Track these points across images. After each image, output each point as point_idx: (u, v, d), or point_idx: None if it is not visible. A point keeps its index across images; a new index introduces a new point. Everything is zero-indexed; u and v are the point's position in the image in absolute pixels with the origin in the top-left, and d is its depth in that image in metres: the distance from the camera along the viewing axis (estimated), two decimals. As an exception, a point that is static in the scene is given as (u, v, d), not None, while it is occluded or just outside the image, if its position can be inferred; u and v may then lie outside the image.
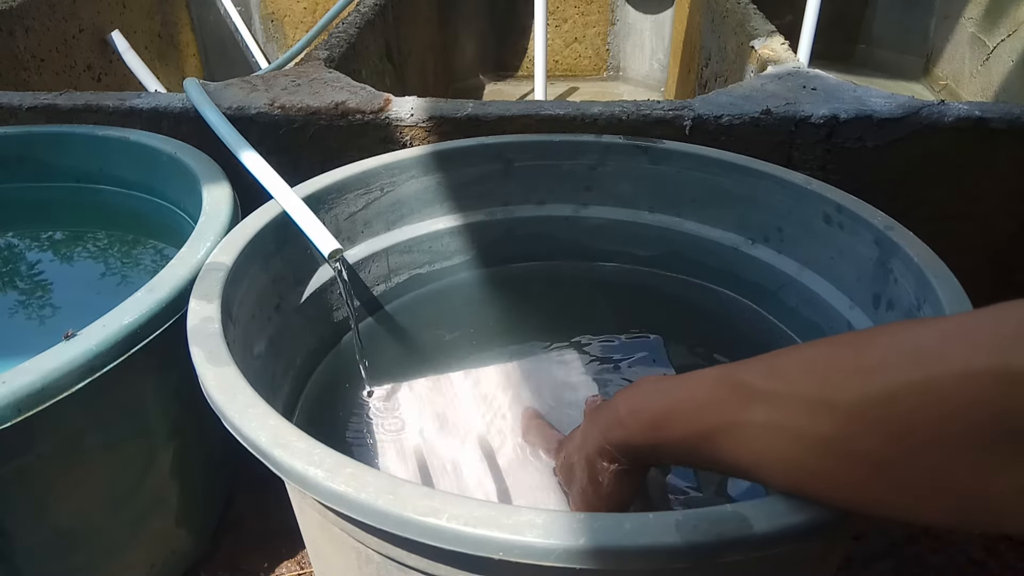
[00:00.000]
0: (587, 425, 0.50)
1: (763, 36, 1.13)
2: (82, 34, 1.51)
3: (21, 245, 0.90)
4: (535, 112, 0.85)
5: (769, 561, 0.40)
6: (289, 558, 0.80)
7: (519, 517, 0.37)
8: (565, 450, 0.54)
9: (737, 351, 0.65)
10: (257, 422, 0.44)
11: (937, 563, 0.80)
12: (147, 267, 0.83)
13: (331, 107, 0.87)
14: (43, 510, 0.59)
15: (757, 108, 0.85)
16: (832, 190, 0.68)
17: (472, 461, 0.62)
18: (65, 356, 0.53)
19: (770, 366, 0.38)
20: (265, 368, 0.64)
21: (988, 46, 1.80)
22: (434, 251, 0.81)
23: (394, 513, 0.38)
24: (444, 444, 0.64)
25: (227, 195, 0.73)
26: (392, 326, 0.79)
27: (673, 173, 0.78)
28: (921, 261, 0.58)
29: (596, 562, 0.36)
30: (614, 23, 2.19)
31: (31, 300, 0.81)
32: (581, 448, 0.49)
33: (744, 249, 0.76)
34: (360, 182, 0.75)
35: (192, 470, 0.72)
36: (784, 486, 0.37)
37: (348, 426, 0.67)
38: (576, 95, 2.16)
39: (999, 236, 0.91)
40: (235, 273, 0.60)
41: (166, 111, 0.88)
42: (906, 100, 0.85)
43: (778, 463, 0.37)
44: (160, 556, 0.71)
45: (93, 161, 0.86)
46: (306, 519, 0.54)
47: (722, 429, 0.39)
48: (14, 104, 0.90)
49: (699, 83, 1.63)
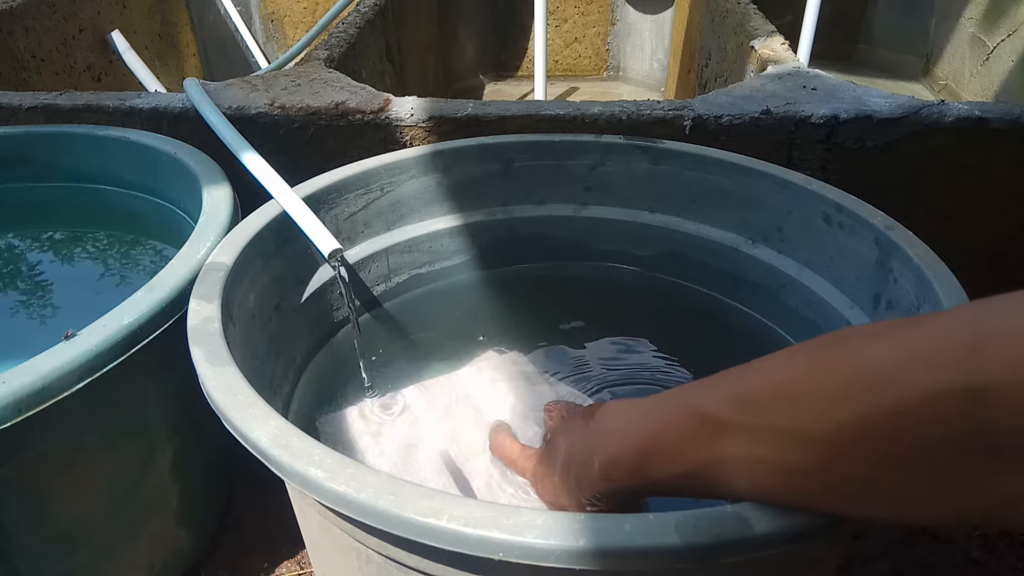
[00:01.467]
0: (561, 477, 0.48)
1: (763, 36, 1.13)
2: (82, 34, 1.51)
3: (21, 245, 0.90)
4: (535, 112, 0.85)
5: (769, 562, 0.40)
6: (289, 558, 0.80)
7: (519, 518, 0.37)
8: (540, 486, 0.53)
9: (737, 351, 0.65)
10: (257, 422, 0.44)
11: (937, 563, 0.80)
12: (147, 267, 0.83)
13: (331, 107, 0.87)
14: (43, 510, 0.59)
15: (757, 108, 0.85)
16: (832, 190, 0.68)
17: (472, 461, 0.62)
18: (65, 356, 0.53)
19: (734, 395, 0.37)
20: (265, 368, 0.64)
21: (988, 46, 1.80)
22: (434, 251, 0.81)
23: (394, 513, 0.38)
24: (444, 444, 0.64)
25: (227, 195, 0.73)
26: (392, 326, 0.79)
27: (673, 173, 0.78)
28: (921, 261, 0.58)
29: (596, 563, 0.36)
30: (614, 23, 2.19)
31: (31, 300, 0.81)
32: (567, 495, 0.47)
33: (744, 249, 0.76)
34: (360, 182, 0.75)
35: (192, 470, 0.72)
36: (785, 504, 0.37)
37: (348, 426, 0.67)
38: (576, 95, 2.16)
39: (999, 236, 0.91)
40: (235, 273, 0.60)
41: (166, 111, 0.88)
42: (906, 100, 0.85)
43: (769, 490, 0.36)
44: (160, 556, 0.71)
45: (93, 161, 0.86)
46: (306, 519, 0.54)
47: (704, 466, 0.38)
48: (14, 104, 0.90)
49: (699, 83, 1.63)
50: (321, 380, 0.72)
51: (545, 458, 0.52)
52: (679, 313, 0.80)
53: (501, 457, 0.60)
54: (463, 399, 0.69)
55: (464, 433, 0.65)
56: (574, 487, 0.46)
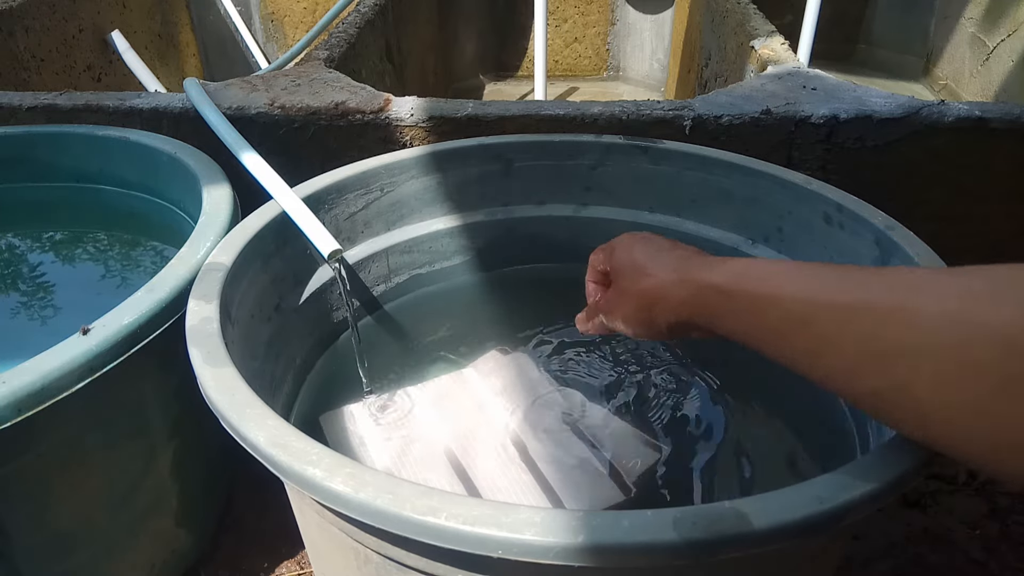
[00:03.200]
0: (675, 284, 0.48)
1: (763, 36, 1.13)
2: (82, 34, 1.51)
3: (22, 245, 0.90)
4: (535, 112, 0.85)
5: (769, 559, 0.41)
6: (289, 558, 0.80)
7: (518, 515, 0.37)
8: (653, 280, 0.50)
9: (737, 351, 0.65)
10: (255, 422, 0.44)
11: (937, 563, 0.80)
12: (147, 267, 0.84)
13: (331, 107, 0.87)
14: (43, 510, 0.59)
15: (757, 108, 0.85)
16: (832, 190, 0.68)
17: (475, 460, 0.62)
18: (65, 356, 0.53)
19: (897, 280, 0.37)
20: (264, 368, 0.64)
21: (988, 46, 1.80)
22: (434, 251, 0.81)
23: (393, 512, 0.38)
24: (448, 443, 0.64)
25: (227, 195, 0.73)
26: (392, 326, 0.80)
27: (673, 173, 0.78)
28: (921, 261, 0.58)
29: (595, 559, 0.36)
30: (614, 23, 2.19)
31: (31, 300, 0.81)
32: (667, 303, 0.48)
33: (744, 249, 0.76)
34: (360, 182, 0.75)
35: (192, 470, 0.72)
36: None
37: (349, 426, 0.67)
38: (576, 95, 2.16)
39: (999, 236, 0.91)
40: (234, 273, 0.60)
41: (166, 111, 0.89)
42: (906, 100, 0.85)
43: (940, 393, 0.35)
44: (160, 556, 0.72)
45: (93, 161, 0.86)
46: (305, 519, 0.54)
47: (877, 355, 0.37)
48: (14, 104, 0.90)
49: (699, 83, 1.63)
50: (321, 381, 0.73)
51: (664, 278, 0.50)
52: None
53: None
54: (466, 399, 0.69)
55: (468, 433, 0.65)
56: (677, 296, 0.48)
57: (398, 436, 0.65)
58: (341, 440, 0.66)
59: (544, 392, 0.70)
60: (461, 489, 0.60)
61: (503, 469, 0.61)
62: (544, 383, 0.71)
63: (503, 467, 0.61)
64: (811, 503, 0.37)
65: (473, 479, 0.61)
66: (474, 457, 0.62)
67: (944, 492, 0.87)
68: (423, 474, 0.61)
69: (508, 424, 0.66)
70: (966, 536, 0.82)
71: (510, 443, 0.64)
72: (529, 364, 0.73)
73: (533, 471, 0.61)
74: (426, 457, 0.63)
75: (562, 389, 0.70)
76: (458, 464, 0.62)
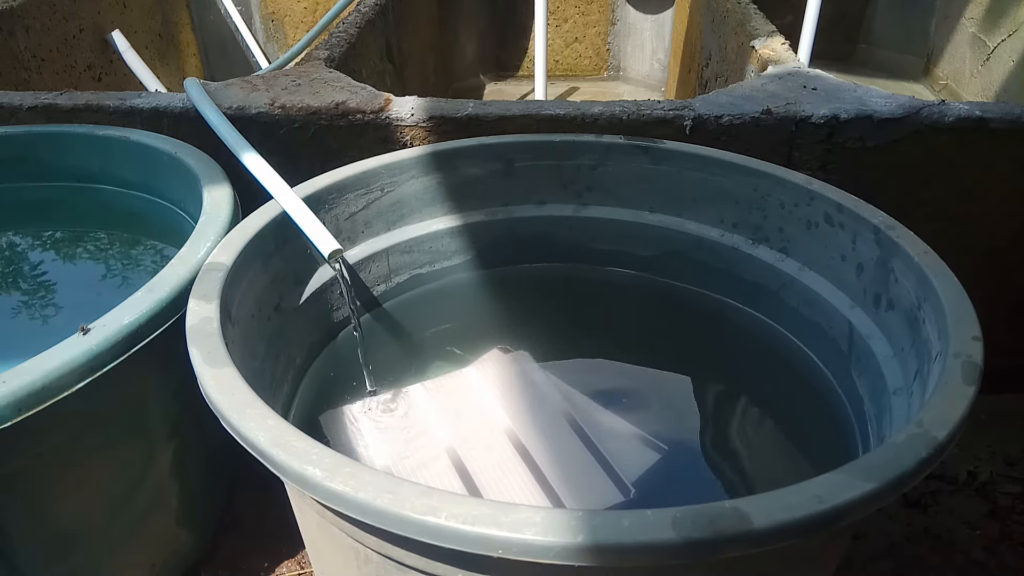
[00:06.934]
0: None
1: (763, 36, 1.13)
2: (82, 34, 1.51)
3: (22, 245, 0.90)
4: (535, 112, 0.85)
5: (769, 558, 0.41)
6: (289, 558, 0.80)
7: (518, 515, 0.37)
8: None
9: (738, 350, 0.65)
10: (255, 422, 0.44)
11: (937, 563, 0.80)
12: (147, 267, 0.84)
13: (331, 107, 0.87)
14: (43, 510, 0.59)
15: (758, 108, 0.85)
16: (832, 190, 0.68)
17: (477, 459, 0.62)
18: (65, 356, 0.53)
19: None
20: (264, 368, 0.64)
21: (988, 46, 1.80)
22: (434, 251, 0.81)
23: (393, 512, 0.38)
24: (450, 442, 0.64)
25: (227, 195, 0.73)
26: (393, 326, 0.80)
27: (674, 173, 0.78)
28: (922, 260, 0.58)
29: (595, 559, 0.36)
30: (614, 23, 2.19)
31: (32, 300, 0.81)
32: None
33: (744, 249, 0.76)
34: (360, 182, 0.75)
35: (192, 470, 0.72)
36: None
37: (350, 426, 0.67)
38: (576, 95, 2.16)
39: (999, 236, 0.91)
40: (235, 273, 0.60)
41: (166, 111, 0.89)
42: (906, 100, 0.85)
43: None
44: (160, 556, 0.72)
45: (93, 161, 0.86)
46: (305, 519, 0.54)
47: None
48: (14, 104, 0.90)
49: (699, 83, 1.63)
50: (322, 380, 0.73)
51: None
52: (679, 312, 0.80)
53: None
54: (467, 398, 0.69)
55: (468, 432, 0.65)
56: None
57: (398, 435, 0.65)
58: (341, 440, 0.66)
59: (545, 391, 0.70)
60: (461, 488, 0.60)
61: (503, 468, 0.61)
62: (545, 382, 0.71)
63: (503, 466, 0.61)
64: (811, 503, 0.37)
65: (473, 478, 0.61)
66: (474, 456, 0.62)
67: (944, 492, 0.87)
68: (423, 473, 0.61)
69: (508, 424, 0.66)
70: (966, 536, 0.82)
71: (510, 443, 0.64)
72: (530, 363, 0.73)
73: (533, 471, 0.61)
74: (426, 456, 0.63)
75: (563, 388, 0.70)
76: (458, 463, 0.62)
